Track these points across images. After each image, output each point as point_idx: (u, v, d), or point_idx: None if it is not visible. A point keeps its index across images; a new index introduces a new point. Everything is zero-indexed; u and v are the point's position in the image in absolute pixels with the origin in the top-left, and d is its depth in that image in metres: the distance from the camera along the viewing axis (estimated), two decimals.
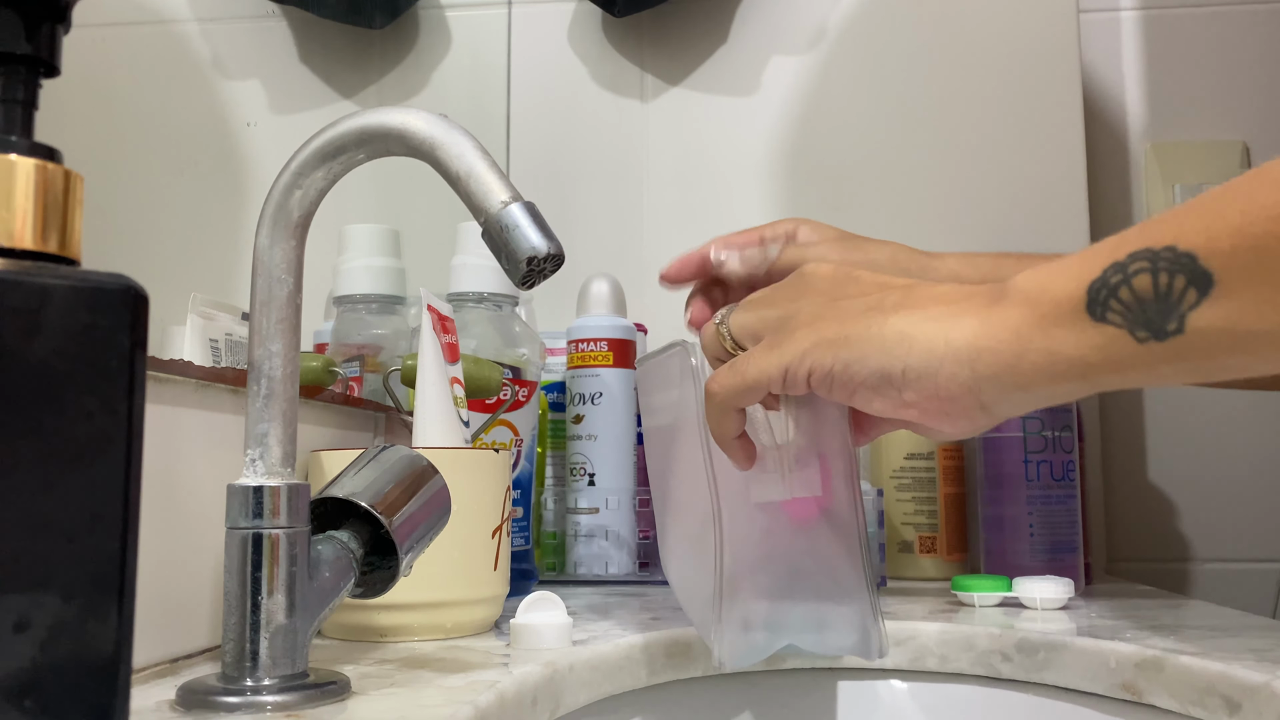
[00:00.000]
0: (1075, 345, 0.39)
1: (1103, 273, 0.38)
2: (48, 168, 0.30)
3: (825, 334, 0.44)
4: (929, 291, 0.44)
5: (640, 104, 1.12)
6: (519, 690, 0.48)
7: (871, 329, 0.43)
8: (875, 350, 0.43)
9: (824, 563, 0.50)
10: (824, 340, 0.44)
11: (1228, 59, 1.16)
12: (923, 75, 1.10)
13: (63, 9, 0.31)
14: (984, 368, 0.41)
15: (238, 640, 0.43)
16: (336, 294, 0.85)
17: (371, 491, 0.47)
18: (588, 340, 0.89)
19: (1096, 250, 0.39)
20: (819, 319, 0.45)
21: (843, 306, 0.45)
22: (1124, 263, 0.38)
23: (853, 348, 0.43)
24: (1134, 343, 0.37)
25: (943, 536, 0.93)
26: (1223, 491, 1.11)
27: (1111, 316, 0.38)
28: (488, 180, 0.43)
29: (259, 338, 0.45)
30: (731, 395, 0.47)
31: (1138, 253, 0.37)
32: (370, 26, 1.00)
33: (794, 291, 0.49)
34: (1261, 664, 0.50)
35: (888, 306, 0.44)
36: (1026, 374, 0.40)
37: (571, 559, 0.87)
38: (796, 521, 0.49)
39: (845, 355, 0.44)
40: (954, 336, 0.41)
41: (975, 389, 0.41)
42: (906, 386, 0.42)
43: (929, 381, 0.42)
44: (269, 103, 0.85)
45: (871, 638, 0.51)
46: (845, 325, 0.44)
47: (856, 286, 0.47)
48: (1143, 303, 0.37)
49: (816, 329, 0.45)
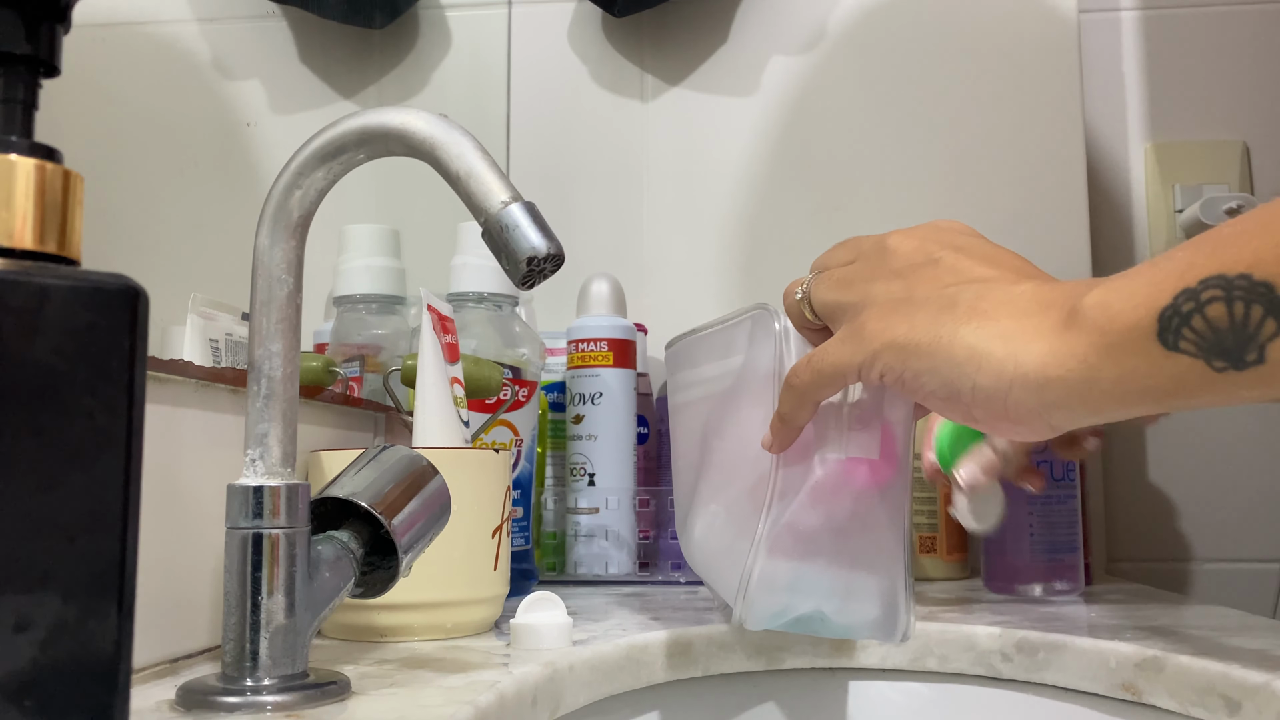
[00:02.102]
0: (1147, 374, 0.38)
1: (1174, 299, 0.37)
2: (48, 168, 0.30)
3: (897, 335, 0.44)
4: (1004, 295, 0.43)
5: (640, 104, 1.12)
6: (519, 690, 0.48)
7: (941, 339, 0.43)
8: (944, 363, 0.42)
9: (865, 529, 0.49)
10: (895, 343, 0.44)
11: (1228, 59, 1.15)
12: (922, 75, 1.10)
13: (63, 9, 0.31)
14: (1052, 395, 0.40)
15: (238, 640, 0.43)
16: (336, 294, 0.85)
17: (371, 491, 0.47)
18: (588, 340, 0.89)
19: (1164, 271, 0.38)
20: (893, 312, 0.45)
21: (917, 298, 0.45)
22: (1196, 289, 0.36)
23: (923, 357, 0.43)
24: (1210, 371, 0.36)
25: (943, 536, 0.93)
26: (1223, 491, 1.11)
27: (1185, 345, 0.37)
28: (488, 180, 0.43)
29: (259, 338, 0.45)
30: (810, 390, 0.48)
31: (1210, 279, 0.36)
32: (370, 26, 1.00)
33: (872, 269, 0.48)
34: (1261, 664, 0.50)
35: (960, 310, 0.43)
36: (1095, 401, 0.40)
37: (571, 559, 0.87)
38: (847, 482, 0.49)
39: (915, 365, 0.43)
40: (1023, 360, 0.41)
41: (1043, 414, 0.41)
42: (975, 404, 0.42)
43: (997, 403, 0.41)
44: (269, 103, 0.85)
45: (899, 616, 0.50)
46: (916, 329, 0.43)
47: (933, 272, 0.46)
48: (1218, 332, 0.36)
49: (889, 326, 0.44)
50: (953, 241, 0.47)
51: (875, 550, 0.50)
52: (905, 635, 0.51)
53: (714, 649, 0.62)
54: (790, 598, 0.51)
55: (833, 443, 0.49)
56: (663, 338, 1.05)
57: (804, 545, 0.50)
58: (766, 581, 0.50)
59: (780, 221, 1.10)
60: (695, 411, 0.59)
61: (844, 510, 0.49)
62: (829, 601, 0.51)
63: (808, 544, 0.50)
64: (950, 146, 1.08)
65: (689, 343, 0.60)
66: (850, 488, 0.49)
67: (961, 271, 0.46)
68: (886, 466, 0.49)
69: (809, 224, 1.10)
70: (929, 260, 0.47)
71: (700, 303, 1.10)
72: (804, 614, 0.51)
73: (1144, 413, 0.40)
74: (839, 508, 0.49)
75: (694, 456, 0.58)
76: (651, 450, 0.98)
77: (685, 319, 1.09)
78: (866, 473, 0.49)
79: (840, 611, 0.51)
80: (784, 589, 0.50)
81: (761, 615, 0.51)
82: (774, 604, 0.51)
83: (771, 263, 1.10)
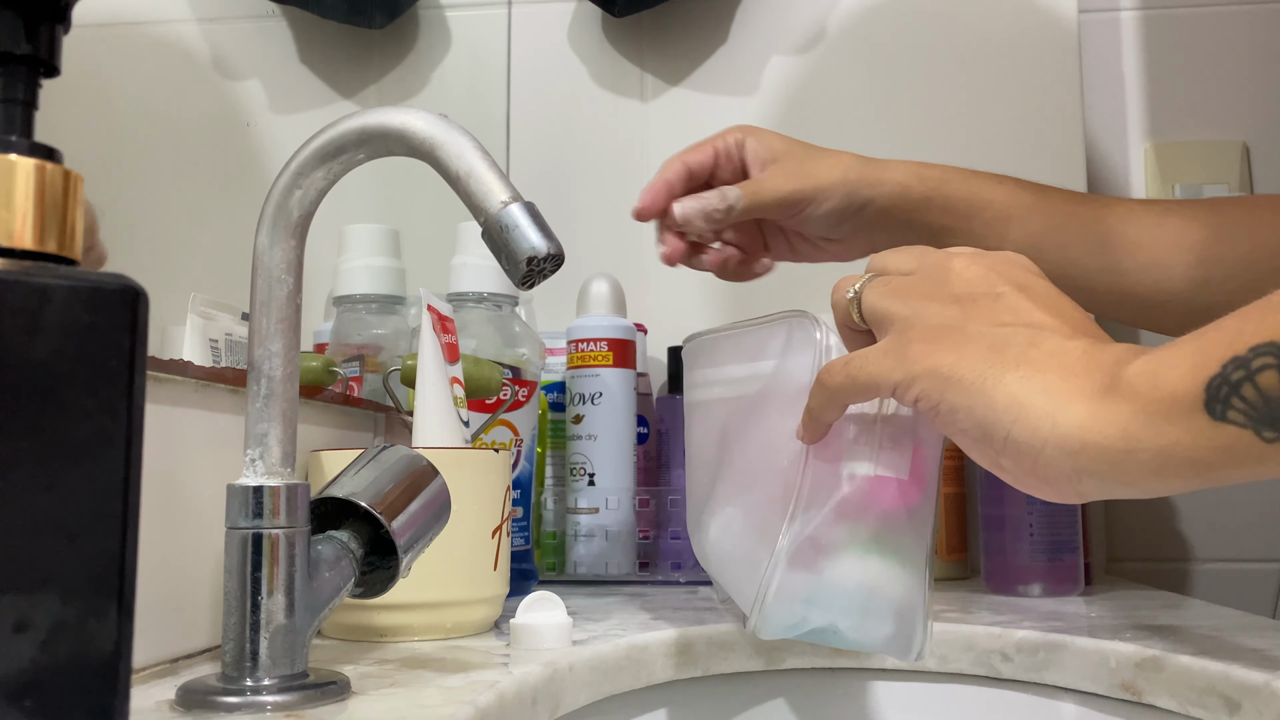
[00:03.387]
0: (1192, 445, 0.37)
1: (1222, 368, 0.36)
2: (48, 168, 0.30)
3: (941, 364, 0.43)
4: (1056, 347, 0.42)
5: (640, 104, 1.12)
6: (519, 690, 0.48)
7: (986, 380, 0.42)
8: (982, 406, 0.42)
9: (888, 549, 0.49)
10: (938, 372, 0.43)
11: (1228, 59, 1.15)
12: (922, 75, 1.10)
13: (63, 9, 0.31)
14: (1087, 462, 0.39)
15: (238, 640, 0.43)
16: (336, 294, 0.85)
17: (371, 491, 0.47)
18: (588, 340, 0.89)
19: (1212, 340, 0.37)
20: (943, 338, 0.44)
21: (969, 331, 0.44)
22: (1245, 358, 0.35)
23: (962, 394, 0.42)
24: (1260, 442, 0.35)
25: (943, 536, 0.93)
26: (1223, 491, 1.11)
27: (1233, 415, 0.36)
28: (487, 180, 0.43)
29: (259, 338, 0.45)
30: (840, 392, 0.47)
31: (1260, 346, 0.35)
32: (370, 26, 1.00)
33: (932, 285, 0.47)
34: (1261, 664, 0.50)
35: (1010, 355, 0.42)
36: (1132, 473, 0.38)
37: (571, 559, 0.87)
38: (874, 500, 0.48)
39: (952, 399, 0.43)
40: (1061, 420, 0.40)
41: (1073, 479, 0.40)
42: (1005, 453, 0.41)
43: (1028, 458, 0.41)
44: (269, 103, 0.85)
45: (915, 636, 0.50)
46: (961, 364, 0.43)
47: (992, 307, 0.45)
48: (1269, 401, 0.35)
49: (936, 351, 0.44)
50: (1018, 279, 0.46)
51: (897, 571, 0.49)
52: (920, 655, 0.50)
53: (714, 649, 0.62)
54: (807, 610, 0.50)
55: (863, 458, 0.48)
56: (663, 338, 1.05)
57: (825, 560, 0.49)
58: (785, 593, 0.49)
59: None
60: (715, 411, 0.58)
61: (868, 528, 0.48)
62: (846, 618, 0.50)
63: (829, 559, 0.49)
64: (950, 146, 1.08)
65: (714, 339, 0.59)
66: (877, 506, 0.48)
67: (1020, 312, 0.44)
68: (915, 488, 0.49)
69: None
70: (991, 293, 0.45)
71: (700, 303, 1.10)
72: (819, 627, 0.51)
73: (1183, 487, 0.39)
74: (863, 525, 0.48)
75: (710, 455, 0.58)
76: (651, 450, 0.98)
77: (685, 319, 1.09)
78: (895, 492, 0.48)
79: (856, 628, 0.51)
80: (802, 601, 0.50)
81: (776, 626, 0.51)
82: (790, 616, 0.50)
83: None
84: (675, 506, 0.89)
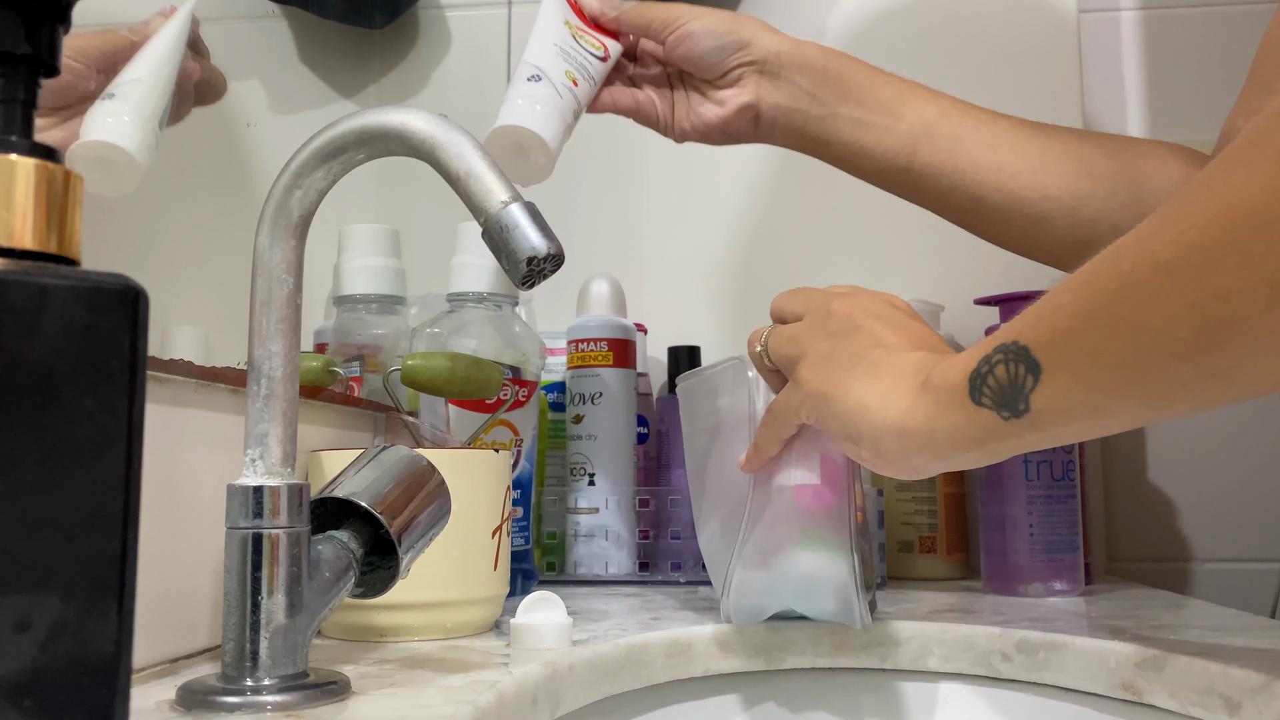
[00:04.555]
0: (964, 425, 0.46)
1: (978, 364, 0.45)
2: (48, 168, 0.30)
3: (819, 386, 0.53)
4: (896, 360, 0.51)
5: None
6: (519, 690, 0.48)
7: (841, 392, 0.52)
8: (842, 413, 0.52)
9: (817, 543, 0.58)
10: (817, 392, 0.53)
11: (1228, 59, 1.15)
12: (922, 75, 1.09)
13: (63, 9, 0.31)
14: (909, 441, 0.49)
15: (238, 640, 0.43)
16: (336, 294, 0.85)
17: (371, 492, 0.47)
18: (588, 340, 0.89)
19: (984, 343, 0.46)
20: (820, 367, 0.54)
21: (838, 357, 0.54)
22: (990, 355, 0.45)
23: (829, 406, 0.52)
24: (1000, 420, 0.45)
25: (943, 536, 0.93)
26: (1223, 491, 1.11)
27: (985, 400, 0.45)
28: (487, 180, 0.43)
29: (259, 338, 0.45)
30: (769, 428, 0.58)
31: (1001, 346, 0.44)
32: (370, 26, 1.00)
33: (812, 330, 0.57)
34: (1261, 664, 0.50)
35: (860, 369, 0.52)
36: (939, 447, 0.48)
37: (571, 559, 0.87)
38: (798, 506, 0.58)
39: (824, 411, 0.53)
40: (889, 414, 0.50)
41: (906, 457, 0.50)
42: (860, 444, 0.51)
43: (874, 446, 0.51)
44: (269, 103, 0.85)
45: (854, 609, 0.59)
46: (828, 381, 0.53)
47: (855, 337, 0.54)
48: (1001, 388, 0.44)
49: (815, 377, 0.54)
50: (876, 310, 0.55)
51: (826, 559, 0.58)
52: (863, 623, 0.60)
53: (714, 649, 0.62)
54: (763, 600, 0.61)
55: (784, 474, 0.59)
56: (663, 338, 1.05)
57: (773, 559, 0.59)
58: (743, 589, 0.60)
59: (780, 221, 1.10)
60: (698, 443, 0.68)
61: (799, 528, 0.58)
62: (797, 602, 0.61)
63: (775, 557, 0.59)
64: None
65: (691, 384, 0.68)
66: (801, 509, 0.58)
67: (877, 338, 0.54)
68: (830, 491, 0.58)
69: (809, 224, 1.10)
70: (854, 326, 0.55)
71: (700, 303, 1.10)
72: (778, 610, 0.62)
73: (977, 461, 0.48)
74: (795, 526, 0.58)
75: (697, 479, 0.68)
76: (651, 450, 0.98)
77: (685, 319, 1.10)
78: (812, 497, 0.58)
79: (806, 609, 0.61)
80: (757, 594, 0.60)
81: (741, 616, 0.62)
82: (751, 606, 0.61)
83: (771, 263, 1.10)
84: (675, 506, 0.89)
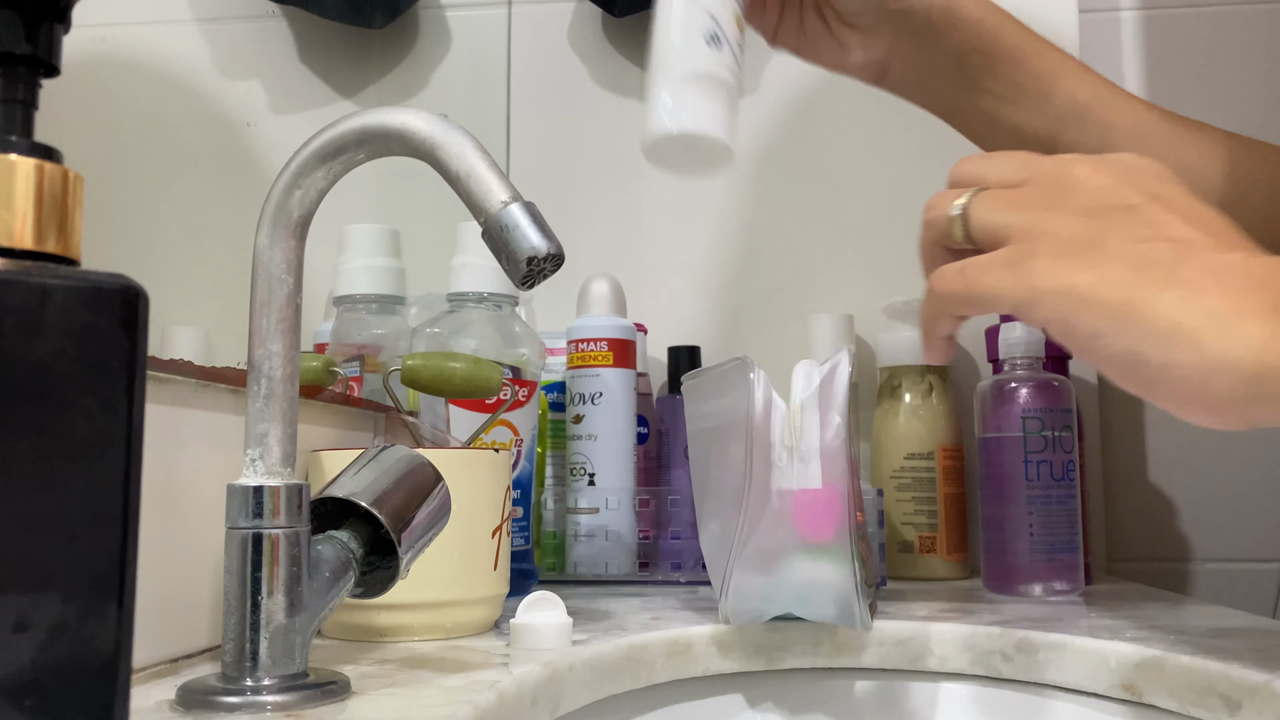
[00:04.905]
0: None
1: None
2: (48, 168, 0.30)
3: (1076, 283, 0.39)
4: (1209, 263, 0.38)
5: (640, 104, 1.12)
6: (519, 690, 0.48)
7: (1135, 303, 0.37)
8: (1135, 331, 0.37)
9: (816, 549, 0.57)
10: (1073, 292, 0.39)
11: (1228, 59, 1.15)
12: None
13: (63, 9, 0.31)
14: (1269, 388, 0.35)
15: (238, 640, 0.43)
16: (336, 294, 0.85)
17: (371, 491, 0.47)
18: (588, 340, 0.89)
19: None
20: (1074, 255, 0.39)
21: (1107, 248, 0.39)
22: None
23: (1108, 317, 0.38)
24: None
25: (943, 536, 0.93)
26: (1223, 491, 1.11)
27: None
28: (487, 180, 0.43)
29: (259, 338, 0.45)
30: (954, 302, 0.43)
31: None
32: (370, 26, 1.00)
33: (1053, 197, 0.42)
34: (1261, 664, 0.50)
35: (1158, 274, 0.38)
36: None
37: (571, 559, 0.87)
38: (797, 509, 0.57)
39: (1094, 323, 0.38)
40: (1235, 344, 0.35)
41: (1248, 406, 0.36)
42: (1162, 380, 0.37)
43: (1195, 388, 0.36)
44: (269, 103, 0.85)
45: (854, 612, 0.58)
46: (1102, 284, 0.38)
47: (1127, 221, 0.40)
48: None
49: (1067, 269, 0.39)
50: (1152, 188, 0.41)
51: (828, 566, 0.57)
52: (864, 626, 0.59)
53: (714, 649, 0.62)
54: (761, 604, 0.60)
55: (782, 478, 0.57)
56: (663, 338, 1.05)
57: (774, 564, 0.58)
58: (741, 593, 0.59)
59: (780, 221, 1.10)
60: (702, 441, 0.66)
61: (797, 533, 0.57)
62: (797, 607, 0.60)
63: (776, 563, 0.58)
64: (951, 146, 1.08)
65: (694, 384, 0.67)
66: (801, 514, 0.57)
67: (1160, 226, 0.39)
68: (830, 494, 0.57)
69: (809, 224, 1.10)
70: (1124, 205, 0.40)
71: (700, 303, 1.10)
72: (776, 614, 0.61)
73: None
74: (793, 531, 0.57)
75: (700, 478, 0.66)
76: (651, 450, 0.98)
77: (685, 319, 1.09)
78: (811, 500, 0.57)
79: (806, 613, 0.60)
80: (755, 598, 0.59)
81: (740, 620, 0.61)
82: (749, 610, 0.60)
83: (770, 263, 1.10)
84: (675, 506, 0.89)
